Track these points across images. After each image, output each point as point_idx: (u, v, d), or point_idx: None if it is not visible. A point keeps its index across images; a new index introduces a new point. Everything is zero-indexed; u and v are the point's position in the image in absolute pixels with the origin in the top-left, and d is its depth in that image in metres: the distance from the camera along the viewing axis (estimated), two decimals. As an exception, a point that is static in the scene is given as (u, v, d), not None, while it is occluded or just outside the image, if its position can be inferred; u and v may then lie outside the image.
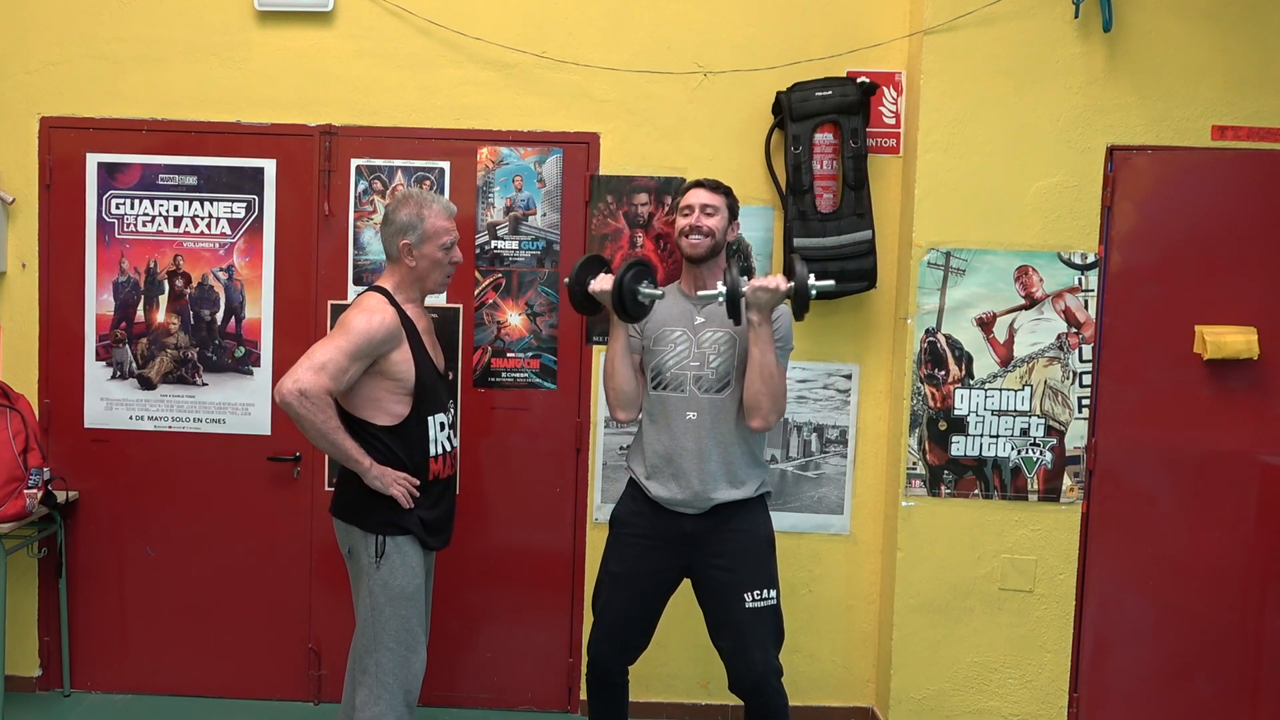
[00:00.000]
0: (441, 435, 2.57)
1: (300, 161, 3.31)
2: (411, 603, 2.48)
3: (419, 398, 2.50)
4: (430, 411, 2.53)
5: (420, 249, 2.52)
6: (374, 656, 2.46)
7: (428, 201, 2.55)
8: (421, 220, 2.52)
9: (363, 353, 2.42)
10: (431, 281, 2.58)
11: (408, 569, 2.48)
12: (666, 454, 2.59)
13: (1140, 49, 3.08)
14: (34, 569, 3.40)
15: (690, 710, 3.38)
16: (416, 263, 2.53)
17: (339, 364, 2.39)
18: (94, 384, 3.36)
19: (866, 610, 3.36)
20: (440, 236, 2.54)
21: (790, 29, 3.26)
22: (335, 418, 2.41)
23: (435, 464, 2.55)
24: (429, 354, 2.56)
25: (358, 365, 2.42)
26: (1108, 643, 3.21)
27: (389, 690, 2.45)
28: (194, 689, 3.43)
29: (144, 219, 3.34)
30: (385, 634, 2.46)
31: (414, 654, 2.49)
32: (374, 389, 2.48)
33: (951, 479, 3.17)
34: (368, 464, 2.45)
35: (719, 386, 2.58)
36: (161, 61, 3.30)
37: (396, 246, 2.53)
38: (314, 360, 2.38)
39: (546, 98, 3.30)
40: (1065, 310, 3.14)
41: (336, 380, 2.39)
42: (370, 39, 3.29)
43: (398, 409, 2.49)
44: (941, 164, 3.11)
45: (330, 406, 2.40)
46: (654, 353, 2.64)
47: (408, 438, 2.50)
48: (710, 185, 2.68)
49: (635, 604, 2.66)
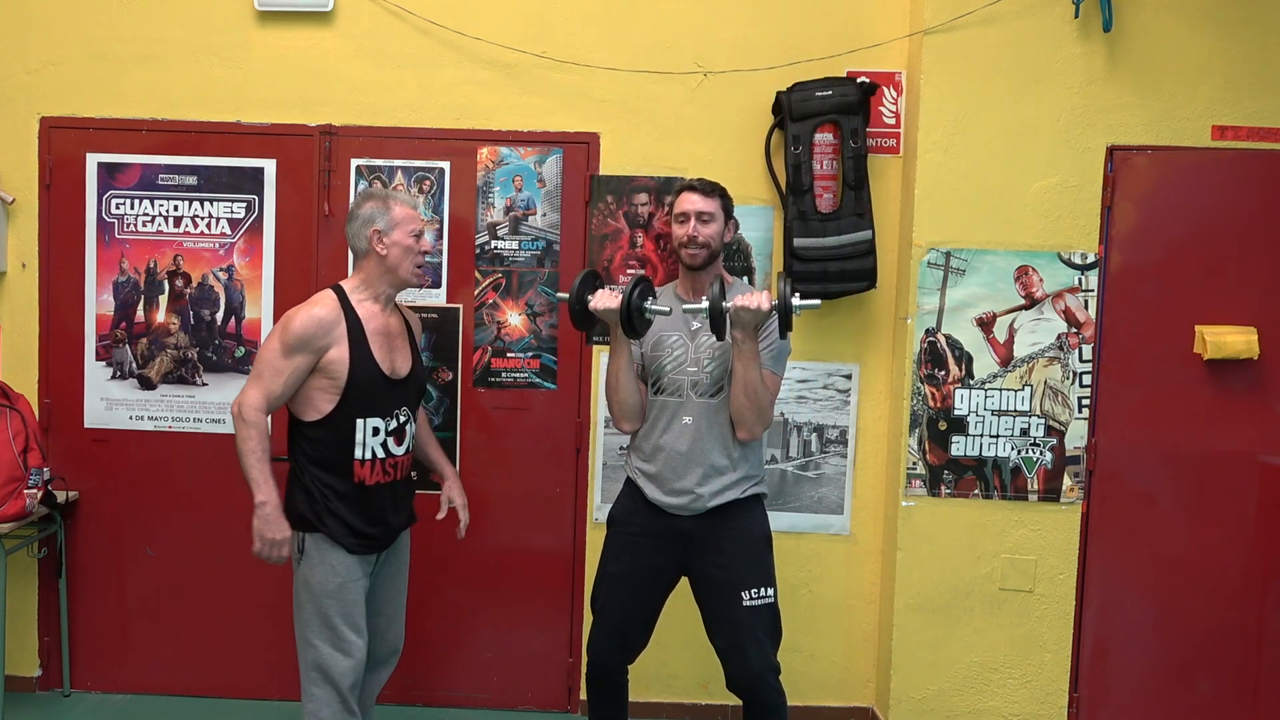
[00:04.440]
0: (374, 440, 2.51)
1: (300, 161, 3.31)
2: (333, 600, 2.48)
3: (349, 398, 2.46)
4: (361, 414, 2.48)
5: (390, 235, 2.52)
6: (301, 652, 2.53)
7: (391, 195, 2.58)
8: (388, 209, 2.53)
9: (295, 348, 2.42)
10: (404, 269, 2.54)
11: (326, 567, 2.49)
12: (664, 457, 2.59)
13: (1140, 49, 3.08)
14: (34, 569, 3.40)
15: (690, 710, 3.38)
16: (388, 250, 2.52)
17: (273, 366, 2.43)
18: (94, 384, 3.36)
19: (866, 610, 3.36)
20: (408, 223, 2.54)
21: (790, 29, 3.26)
22: (257, 440, 2.42)
23: (361, 468, 2.50)
24: (373, 355, 2.50)
25: (297, 361, 2.43)
26: (1108, 643, 3.21)
27: (318, 685, 2.50)
28: (194, 689, 3.43)
29: (144, 219, 3.34)
30: (308, 629, 2.51)
31: (339, 651, 2.49)
32: (306, 386, 2.48)
33: (951, 479, 3.17)
34: (262, 498, 2.44)
35: (713, 391, 2.58)
36: (161, 61, 3.30)
37: (365, 238, 2.52)
38: (252, 372, 2.47)
39: (546, 98, 3.30)
40: (1065, 310, 3.14)
41: (271, 385, 2.43)
42: (370, 39, 3.29)
43: (324, 405, 2.47)
44: (941, 164, 3.11)
45: (258, 426, 2.41)
46: (652, 358, 2.65)
47: (330, 434, 2.48)
48: (704, 189, 2.65)
49: (633, 603, 2.66)
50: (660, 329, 2.65)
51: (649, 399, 2.65)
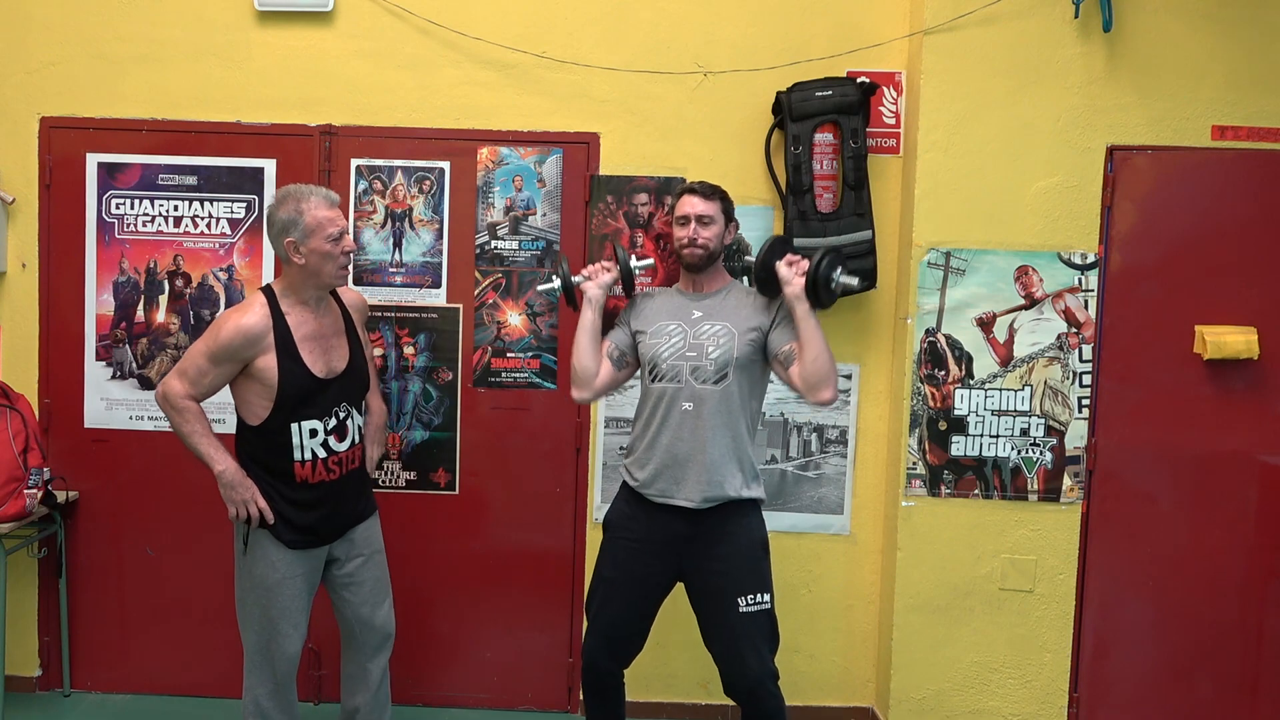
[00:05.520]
0: (312, 442, 2.55)
1: (300, 161, 3.31)
2: (272, 594, 2.57)
3: (282, 404, 2.50)
4: (296, 418, 2.52)
5: (306, 244, 2.48)
6: (243, 634, 2.65)
7: (305, 195, 2.51)
8: (301, 215, 2.47)
9: (222, 357, 2.48)
10: (326, 274, 2.52)
11: (267, 562, 2.56)
12: (663, 446, 2.59)
13: (1140, 49, 3.08)
14: (34, 569, 3.40)
15: (690, 710, 3.38)
16: (305, 259, 2.49)
17: (199, 367, 2.49)
18: (94, 384, 3.36)
19: (866, 610, 3.36)
20: (324, 228, 2.48)
21: (790, 29, 3.26)
22: (193, 420, 2.51)
23: (302, 469, 2.55)
24: (303, 361, 2.51)
25: (221, 369, 2.49)
26: (1108, 643, 3.21)
27: (257, 666, 2.63)
28: (194, 689, 3.43)
29: (144, 219, 3.34)
30: (249, 618, 2.61)
31: (274, 641, 2.59)
32: (245, 390, 2.54)
33: (951, 479, 3.17)
34: (219, 468, 2.52)
35: (717, 377, 2.58)
36: (161, 61, 3.30)
37: (282, 246, 2.50)
38: (180, 363, 2.54)
39: (546, 98, 3.30)
40: (1065, 310, 3.14)
41: (196, 384, 2.50)
42: (370, 39, 3.29)
43: (260, 411, 2.53)
44: (941, 164, 3.11)
45: (189, 410, 2.51)
46: (650, 345, 2.65)
47: (269, 439, 2.54)
48: (704, 192, 2.68)
49: (628, 608, 2.65)
50: (658, 318, 2.68)
51: (646, 387, 2.66)
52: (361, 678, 2.78)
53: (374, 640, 2.77)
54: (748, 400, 2.62)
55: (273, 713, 2.65)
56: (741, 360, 2.58)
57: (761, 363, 2.65)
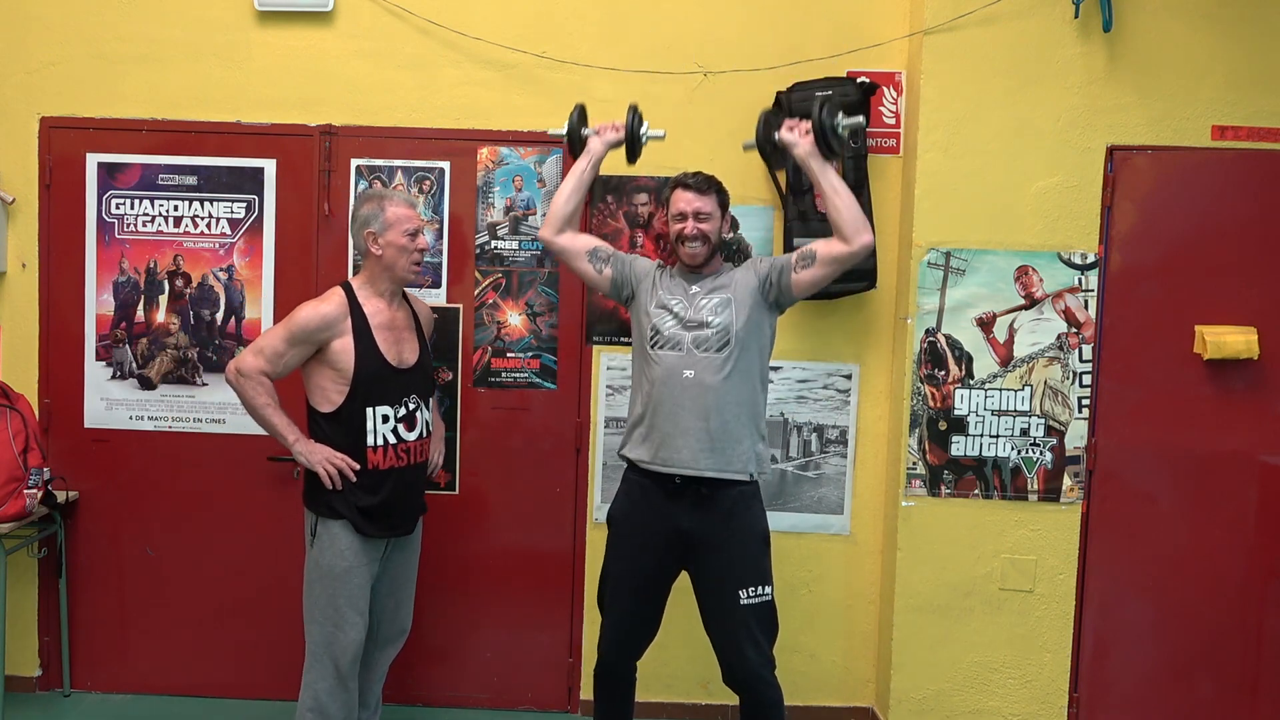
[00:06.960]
0: (384, 428, 2.65)
1: (300, 161, 3.31)
2: (340, 582, 2.63)
3: (357, 388, 2.62)
4: (371, 403, 2.64)
5: (384, 236, 2.66)
6: (307, 628, 2.70)
7: (388, 195, 2.73)
8: (382, 210, 2.67)
9: (298, 339, 2.61)
10: (400, 268, 2.69)
11: (335, 550, 2.63)
12: (665, 413, 2.58)
13: (1140, 49, 3.08)
14: (34, 569, 3.40)
15: (690, 710, 3.38)
16: (383, 251, 2.66)
17: (275, 348, 2.61)
18: (94, 384, 3.36)
19: (866, 610, 3.36)
20: (402, 224, 2.67)
21: (790, 29, 3.26)
22: (266, 395, 2.62)
23: (374, 454, 2.65)
24: (378, 347, 2.64)
25: (296, 350, 2.62)
26: (1108, 643, 3.21)
27: (319, 660, 2.67)
28: (194, 689, 3.43)
29: (144, 219, 3.34)
30: (315, 608, 2.67)
31: (340, 630, 2.64)
32: (319, 376, 2.65)
33: (951, 479, 3.17)
34: (293, 438, 2.64)
35: (719, 345, 2.58)
36: (161, 61, 3.30)
37: (363, 239, 2.68)
38: (256, 343, 2.66)
39: (547, 98, 3.30)
40: (1065, 310, 3.14)
41: (273, 363, 2.61)
42: (370, 39, 3.29)
43: (335, 397, 2.63)
44: (941, 164, 3.11)
45: (263, 385, 2.62)
46: (652, 314, 2.65)
47: (343, 425, 2.64)
48: (698, 186, 2.67)
49: (637, 602, 2.68)
50: (660, 287, 2.68)
51: (647, 354, 2.63)
52: (367, 663, 2.82)
53: (390, 632, 2.86)
54: (754, 361, 2.62)
55: (331, 709, 2.66)
56: (743, 327, 2.59)
57: (766, 325, 2.65)
